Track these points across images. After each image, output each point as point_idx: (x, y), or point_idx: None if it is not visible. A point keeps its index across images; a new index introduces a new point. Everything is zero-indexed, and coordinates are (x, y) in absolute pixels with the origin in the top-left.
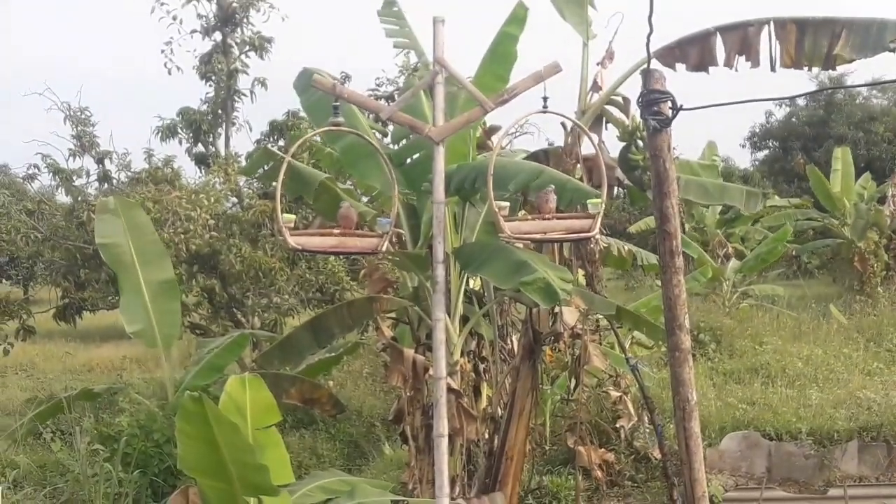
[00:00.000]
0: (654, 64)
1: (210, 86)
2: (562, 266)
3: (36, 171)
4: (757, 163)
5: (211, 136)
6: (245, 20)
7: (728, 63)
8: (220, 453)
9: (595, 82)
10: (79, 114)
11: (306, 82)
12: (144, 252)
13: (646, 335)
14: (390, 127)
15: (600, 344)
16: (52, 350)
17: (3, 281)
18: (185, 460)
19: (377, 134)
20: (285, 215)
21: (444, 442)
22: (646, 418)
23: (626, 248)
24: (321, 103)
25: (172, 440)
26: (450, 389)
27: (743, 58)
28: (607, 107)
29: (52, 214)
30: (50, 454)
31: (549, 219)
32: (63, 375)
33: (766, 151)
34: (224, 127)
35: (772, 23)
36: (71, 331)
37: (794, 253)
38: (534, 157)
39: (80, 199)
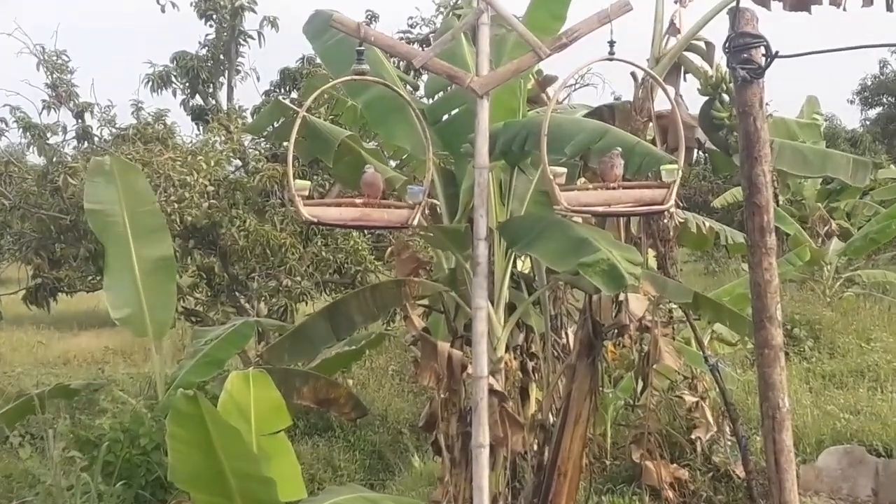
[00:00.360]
0: (745, 2)
1: (210, 26)
2: (629, 245)
3: (3, 126)
4: (868, 122)
5: (211, 86)
6: None
7: (835, 1)
8: (219, 463)
9: (672, 24)
10: (54, 58)
11: (320, 26)
12: (141, 223)
13: (729, 329)
14: (424, 77)
15: (673, 339)
16: (22, 339)
17: None
18: (177, 470)
19: (408, 86)
20: (298, 181)
21: (485, 454)
22: (727, 428)
23: (706, 224)
24: (341, 48)
25: (162, 447)
26: (492, 391)
27: None
28: (686, 53)
29: (21, 178)
30: (18, 462)
31: (614, 188)
32: (34, 369)
33: (879, 109)
34: (227, 76)
35: None
36: (44, 316)
37: None
38: (597, 113)
39: (55, 159)
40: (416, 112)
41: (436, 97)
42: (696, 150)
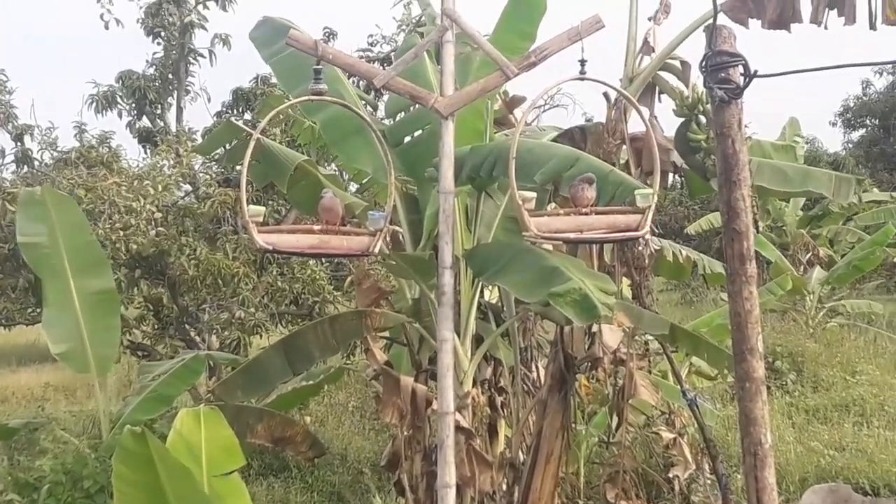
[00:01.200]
0: (722, 19)
1: (158, 44)
2: (602, 274)
3: None
4: (850, 145)
5: (159, 107)
6: None
7: (815, 19)
8: None
9: (646, 42)
10: None
11: (269, 35)
12: (79, 256)
13: (707, 362)
14: (385, 97)
15: (650, 373)
16: None
17: None
18: None
19: (368, 106)
20: (252, 207)
21: (451, 494)
22: (706, 466)
23: (683, 252)
24: (294, 60)
25: (107, 489)
26: (458, 428)
27: (835, 12)
28: (661, 73)
29: None
30: None
31: (586, 213)
32: None
33: (862, 131)
34: (176, 96)
35: None
36: None
37: None
38: (568, 136)
39: None
40: (377, 134)
41: (398, 118)
42: (671, 174)
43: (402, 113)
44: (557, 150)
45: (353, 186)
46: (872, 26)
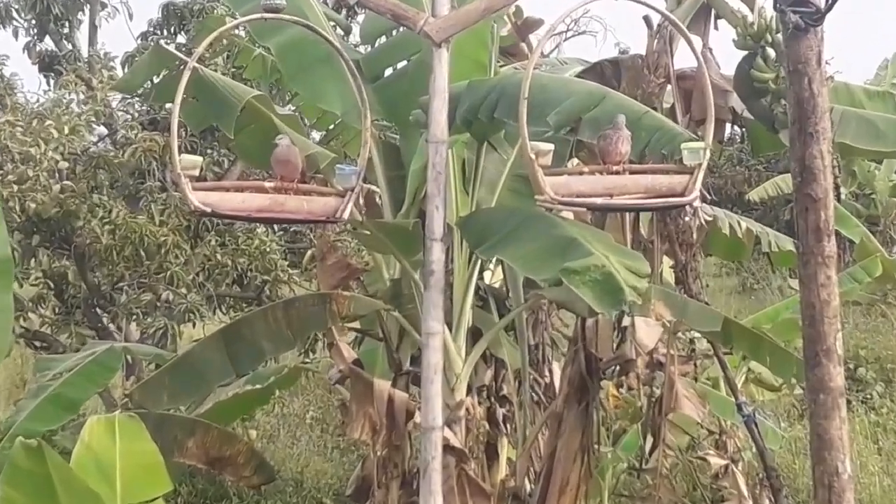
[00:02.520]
0: None
1: None
2: (633, 251)
3: None
4: None
5: (66, 24)
6: None
7: None
8: None
9: None
10: None
11: None
12: None
13: (770, 368)
14: (360, 17)
15: (696, 380)
16: None
17: None
18: None
19: (338, 29)
20: (186, 157)
21: None
22: (766, 502)
23: (742, 224)
24: None
25: None
26: (447, 448)
27: None
28: None
29: None
30: None
31: (618, 173)
32: None
33: None
34: (88, 11)
35: None
36: None
37: None
38: (596, 71)
39: None
40: (349, 64)
41: (376, 44)
42: (729, 124)
43: (383, 38)
44: (578, 87)
45: (317, 134)
46: None
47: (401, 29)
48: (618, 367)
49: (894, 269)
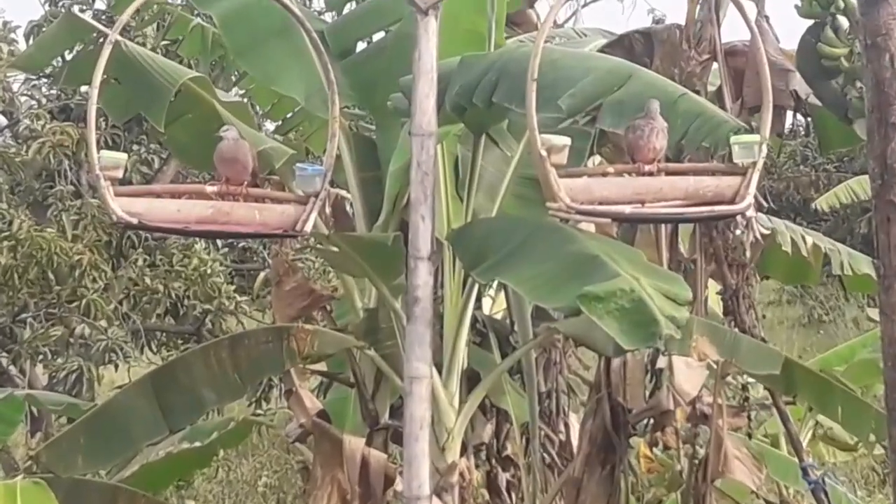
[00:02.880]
0: None
1: None
2: (670, 272)
3: None
4: None
5: None
6: None
7: None
8: None
9: None
10: None
11: None
12: None
13: (843, 422)
14: None
15: (749, 437)
16: None
17: None
18: None
19: None
20: (107, 154)
21: None
22: None
23: (807, 240)
24: None
25: None
26: None
27: None
28: None
29: None
30: None
31: (651, 174)
32: None
33: None
34: None
35: None
36: None
37: None
38: (623, 45)
39: None
40: (313, 37)
41: (344, 11)
42: (791, 112)
43: (352, 4)
44: (597, 63)
45: (272, 124)
46: None
47: None
48: (651, 421)
49: None
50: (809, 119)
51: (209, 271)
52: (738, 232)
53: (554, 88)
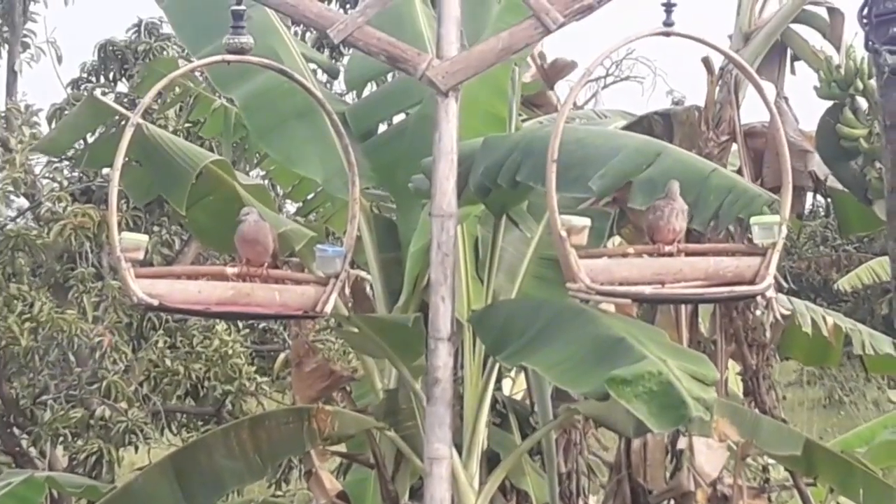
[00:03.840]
0: None
1: None
2: (696, 352)
3: None
4: None
5: None
6: None
7: None
8: None
9: None
10: None
11: None
12: None
13: None
14: (347, 59)
15: None
16: None
17: None
18: None
19: (319, 73)
20: (128, 235)
21: None
22: None
23: (828, 320)
24: (202, 5)
25: None
26: None
27: None
28: (794, 26)
29: None
30: None
31: (671, 254)
32: None
33: None
34: (6, 53)
35: None
36: None
37: None
38: (643, 126)
39: None
40: (333, 119)
41: (366, 94)
42: (811, 193)
43: (372, 85)
44: (625, 140)
45: (292, 206)
46: None
47: (397, 74)
48: (672, 502)
49: None
50: (829, 199)
51: (230, 353)
52: (758, 312)
53: (583, 167)
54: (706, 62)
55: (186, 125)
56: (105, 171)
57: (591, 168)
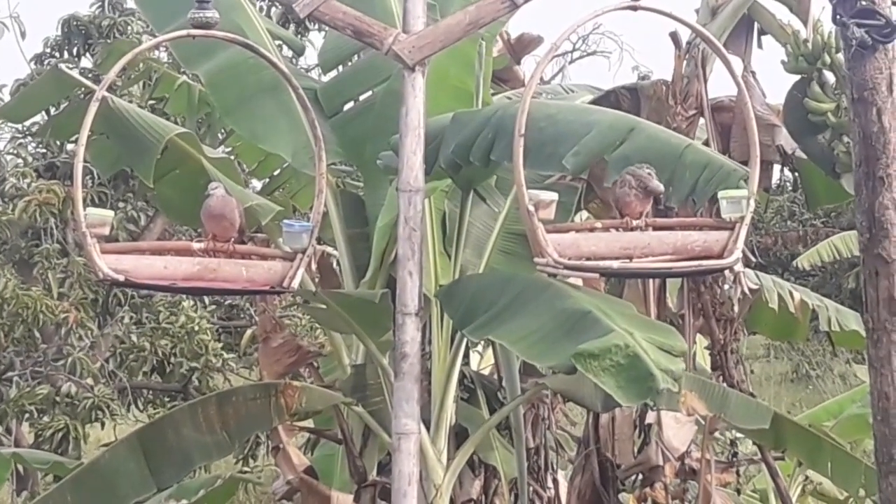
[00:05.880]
0: None
1: None
2: (663, 324)
3: None
4: None
5: None
6: None
7: None
8: None
9: None
10: None
11: None
12: None
13: (833, 477)
14: (312, 34)
15: (738, 492)
16: None
17: None
18: None
19: (284, 49)
20: (93, 211)
21: None
22: None
23: (795, 295)
24: None
25: None
26: None
27: None
28: (761, 0)
29: None
30: None
31: (639, 228)
32: None
33: None
34: None
35: None
36: None
37: None
38: (610, 101)
39: None
40: (300, 94)
41: (335, 72)
42: (778, 167)
43: (342, 66)
44: (598, 116)
45: (258, 182)
46: None
47: (365, 50)
48: (640, 476)
49: None
50: (796, 174)
51: (196, 329)
52: (726, 287)
53: (556, 144)
54: (673, 36)
55: (150, 102)
56: (70, 146)
57: (564, 145)
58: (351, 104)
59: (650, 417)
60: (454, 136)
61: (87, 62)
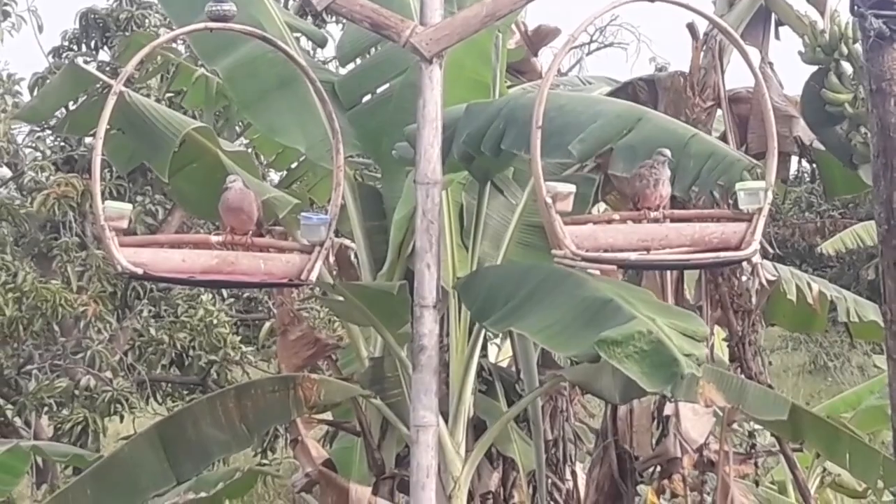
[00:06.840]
0: None
1: None
2: (684, 310)
3: None
4: None
5: None
6: None
7: None
8: None
9: None
10: None
11: None
12: None
13: (851, 468)
14: (330, 26)
15: (756, 484)
16: None
17: None
18: None
19: (302, 40)
20: (112, 204)
21: None
22: None
23: (813, 287)
24: None
25: None
26: None
27: None
28: None
29: None
30: None
31: (657, 220)
32: None
33: None
34: None
35: None
36: None
37: None
38: (627, 92)
39: None
40: (317, 86)
41: (352, 65)
42: (796, 158)
43: (359, 59)
44: (606, 106)
45: (276, 174)
46: None
47: (382, 43)
48: (659, 468)
49: None
50: (814, 165)
51: (215, 322)
52: (743, 278)
53: (563, 134)
54: (691, 28)
55: (168, 95)
56: (88, 139)
57: (572, 134)
58: (368, 97)
59: (668, 409)
60: (466, 126)
61: (104, 55)
